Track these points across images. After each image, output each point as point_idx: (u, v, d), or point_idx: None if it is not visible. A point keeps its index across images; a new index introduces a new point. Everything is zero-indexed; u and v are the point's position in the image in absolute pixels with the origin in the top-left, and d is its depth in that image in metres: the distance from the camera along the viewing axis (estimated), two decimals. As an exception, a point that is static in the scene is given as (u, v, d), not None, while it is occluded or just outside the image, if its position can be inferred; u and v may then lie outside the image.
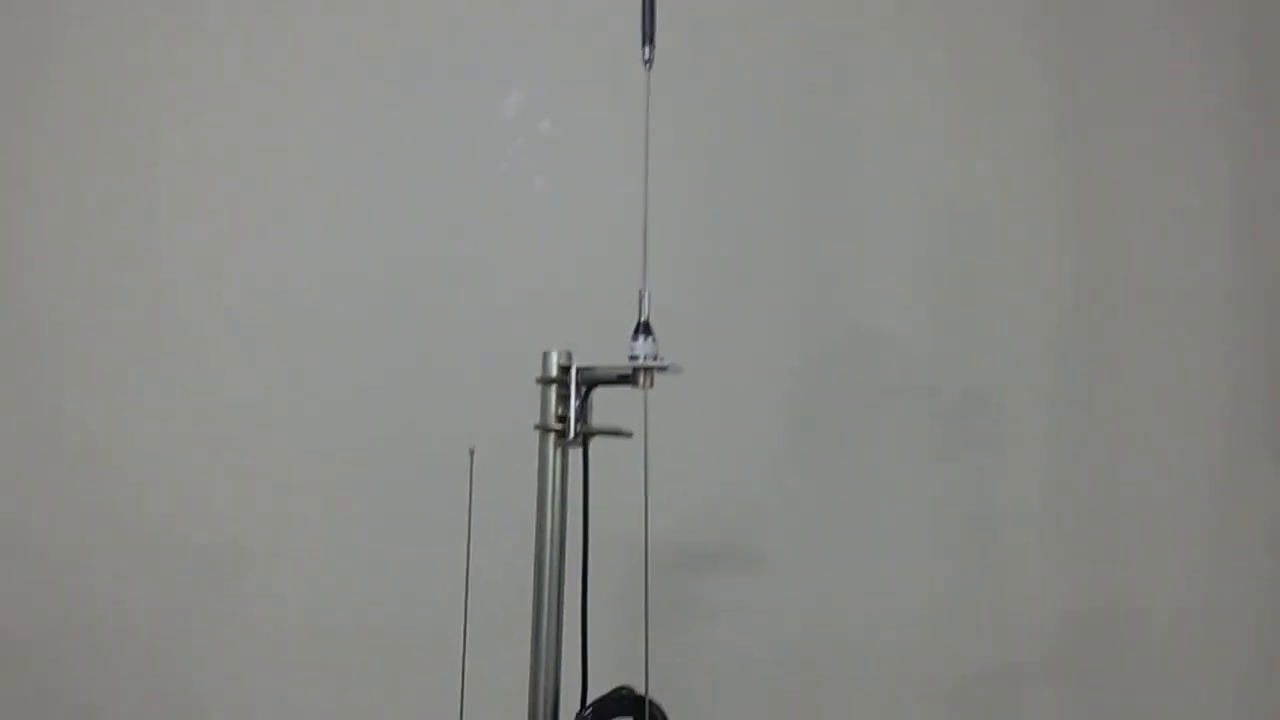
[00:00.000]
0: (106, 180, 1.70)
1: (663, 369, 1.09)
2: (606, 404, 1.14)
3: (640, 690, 1.09)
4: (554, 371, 1.13)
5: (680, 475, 1.56)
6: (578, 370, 1.12)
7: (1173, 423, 1.64)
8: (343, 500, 1.67)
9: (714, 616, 1.62)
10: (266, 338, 1.69)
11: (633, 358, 1.10)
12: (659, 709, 1.10)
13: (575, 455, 1.14)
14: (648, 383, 1.10)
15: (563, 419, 1.12)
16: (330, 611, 1.65)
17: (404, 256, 1.69)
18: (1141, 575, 1.63)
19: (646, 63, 1.15)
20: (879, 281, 1.67)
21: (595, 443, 1.13)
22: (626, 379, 1.10)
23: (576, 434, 1.12)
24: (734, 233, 1.69)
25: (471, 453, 1.13)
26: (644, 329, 1.11)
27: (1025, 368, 1.66)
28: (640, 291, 1.11)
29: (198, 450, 1.68)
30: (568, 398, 1.12)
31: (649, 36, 1.16)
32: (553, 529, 1.13)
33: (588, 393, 1.13)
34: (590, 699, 1.10)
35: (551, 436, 1.12)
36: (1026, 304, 1.67)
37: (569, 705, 1.10)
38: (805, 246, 1.68)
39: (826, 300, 1.68)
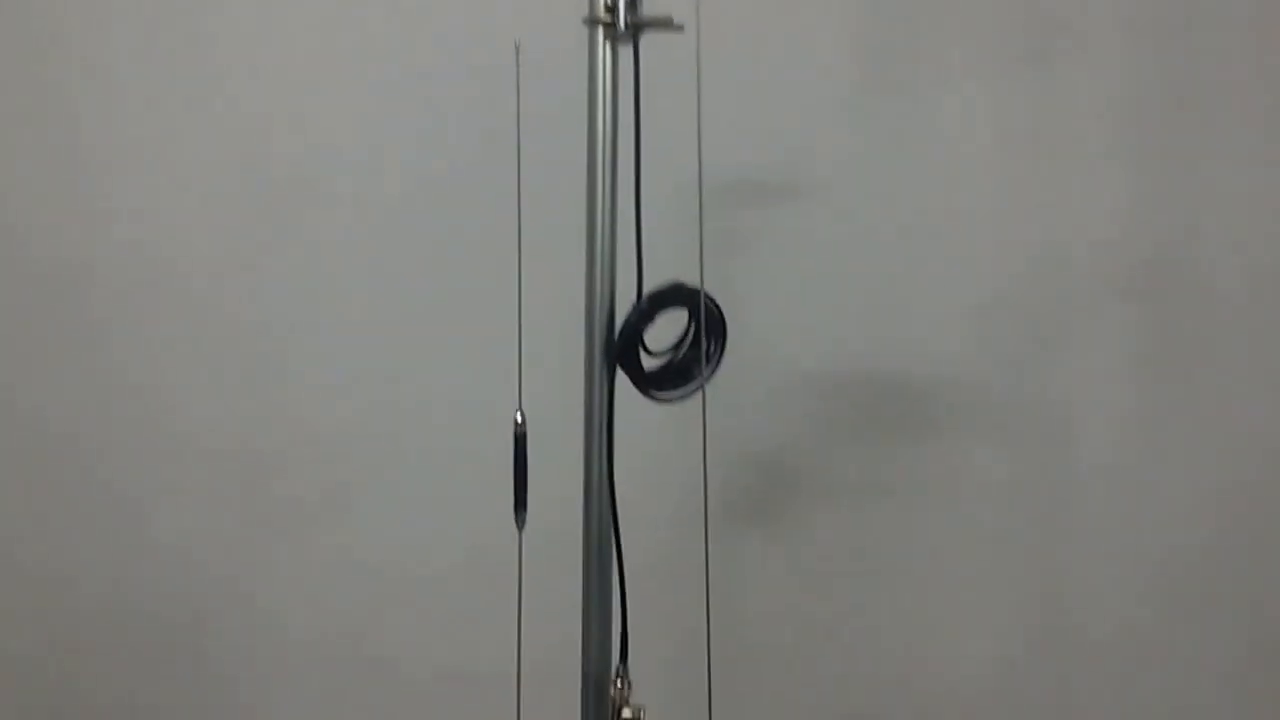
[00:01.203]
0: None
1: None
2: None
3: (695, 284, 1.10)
4: (601, -45, 1.07)
5: (734, 89, 1.52)
6: (625, -49, 1.06)
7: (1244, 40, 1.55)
8: (380, 113, 1.65)
9: (769, 245, 1.62)
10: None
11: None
12: (713, 301, 1.12)
13: (626, 56, 1.09)
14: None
15: (611, 9, 1.07)
16: (379, 218, 1.66)
17: None
18: (1207, 204, 1.60)
19: None
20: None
21: (646, 62, 1.09)
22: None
23: (626, 25, 1.07)
24: None
25: (517, 49, 1.09)
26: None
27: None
28: None
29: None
30: (616, -18, 1.07)
31: None
32: (604, 132, 1.10)
33: (637, -21, 1.07)
34: (645, 295, 1.11)
35: (600, 29, 1.08)
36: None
37: (624, 303, 1.11)
38: None
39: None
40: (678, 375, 1.12)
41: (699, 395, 1.12)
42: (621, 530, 1.11)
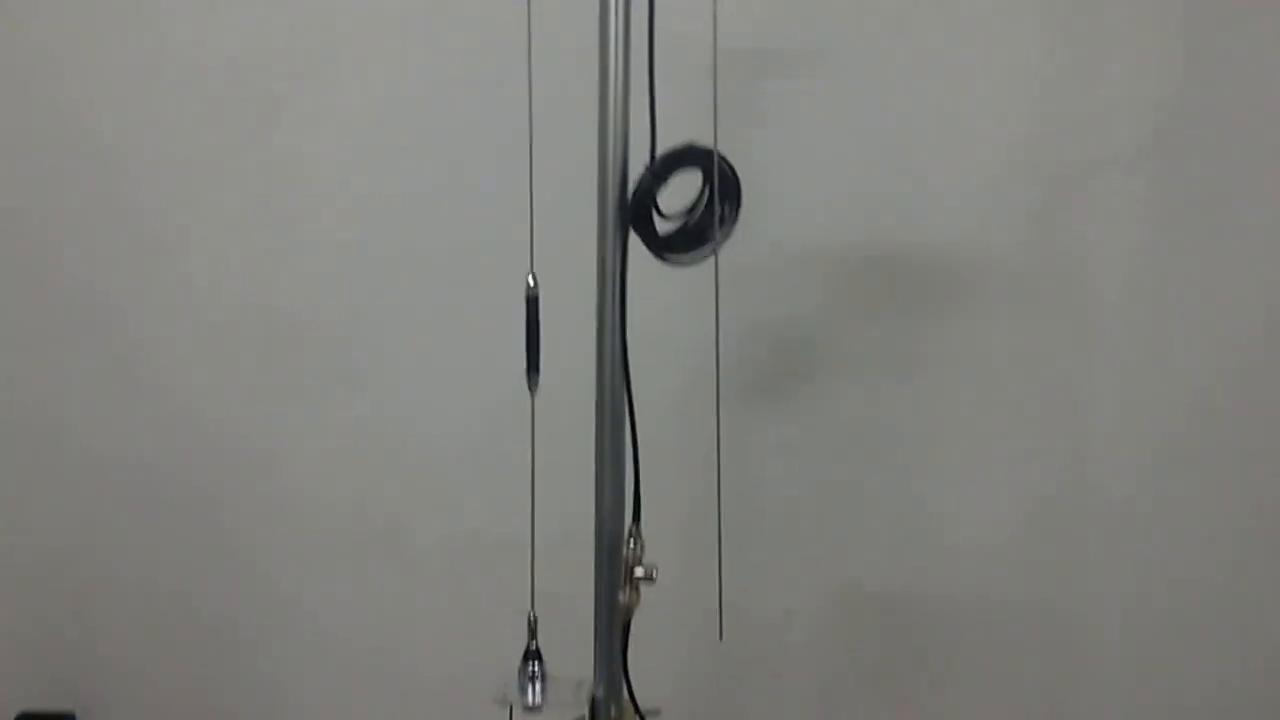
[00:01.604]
0: None
1: None
2: None
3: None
4: None
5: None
6: None
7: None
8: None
9: (784, 113, 1.59)
10: None
11: None
12: (727, 162, 1.10)
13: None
14: None
15: None
16: (390, 83, 1.65)
17: None
18: (1227, 71, 1.55)
19: None
20: None
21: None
22: None
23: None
24: None
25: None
26: None
27: None
28: None
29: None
30: None
31: None
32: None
33: None
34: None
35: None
36: None
37: (637, 166, 1.09)
38: None
39: None
40: (691, 238, 1.10)
41: (712, 259, 1.11)
42: (634, 393, 1.12)
